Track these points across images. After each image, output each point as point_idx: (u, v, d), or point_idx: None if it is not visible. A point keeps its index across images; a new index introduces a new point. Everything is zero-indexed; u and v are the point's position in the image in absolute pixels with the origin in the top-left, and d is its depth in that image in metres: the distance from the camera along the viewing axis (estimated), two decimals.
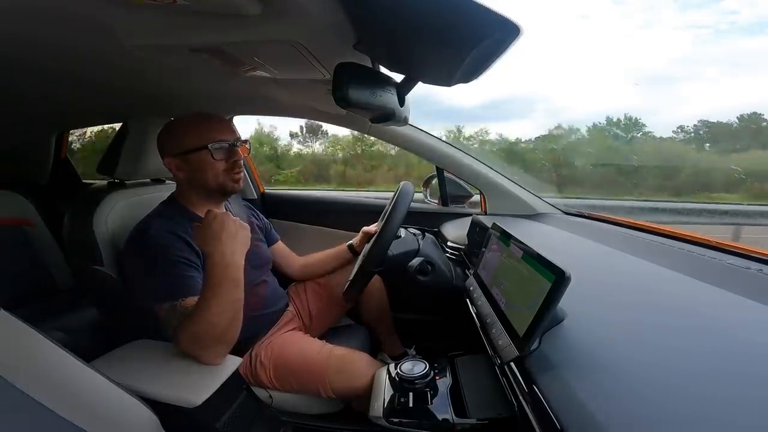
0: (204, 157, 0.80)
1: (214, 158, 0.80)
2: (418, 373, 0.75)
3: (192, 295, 0.72)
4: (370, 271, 0.88)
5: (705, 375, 0.39)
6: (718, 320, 0.50)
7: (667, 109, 8.18)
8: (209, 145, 0.80)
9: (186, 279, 0.74)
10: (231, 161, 0.83)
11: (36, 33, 0.59)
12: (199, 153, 0.80)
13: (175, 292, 0.71)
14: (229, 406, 0.74)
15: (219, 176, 0.82)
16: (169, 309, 0.70)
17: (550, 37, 21.83)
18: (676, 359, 0.42)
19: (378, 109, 0.58)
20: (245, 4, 0.45)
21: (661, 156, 3.12)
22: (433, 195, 1.51)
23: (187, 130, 0.82)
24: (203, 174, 0.82)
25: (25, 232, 1.41)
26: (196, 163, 0.81)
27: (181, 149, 0.81)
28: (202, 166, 0.81)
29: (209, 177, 0.82)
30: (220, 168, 0.82)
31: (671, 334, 0.47)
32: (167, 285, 0.72)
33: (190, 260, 0.76)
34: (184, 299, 0.71)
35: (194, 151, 0.80)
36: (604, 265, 0.79)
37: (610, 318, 0.54)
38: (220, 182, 0.83)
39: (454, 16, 0.38)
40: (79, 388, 0.53)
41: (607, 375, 0.41)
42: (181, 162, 0.82)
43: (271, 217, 1.62)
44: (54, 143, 1.64)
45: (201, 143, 0.80)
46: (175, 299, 0.71)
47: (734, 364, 0.40)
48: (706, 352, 0.43)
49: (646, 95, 8.37)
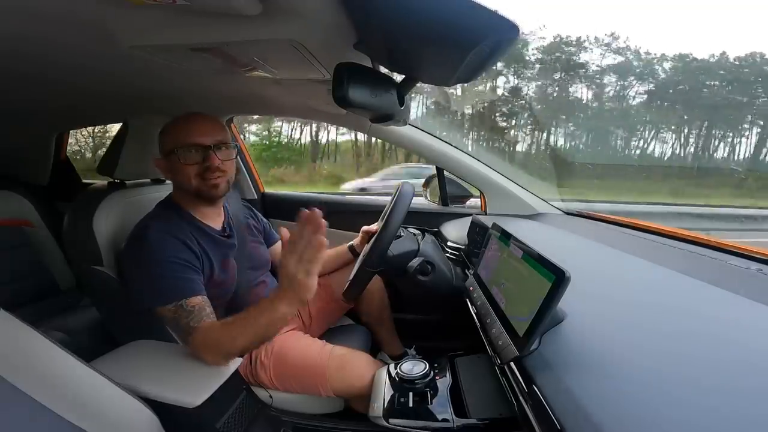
0: (175, 160, 0.79)
1: (181, 162, 0.78)
2: (418, 373, 0.75)
3: (195, 295, 0.73)
4: (370, 271, 0.88)
5: (704, 375, 0.39)
6: (718, 320, 0.50)
7: None
8: (176, 149, 0.78)
9: (187, 281, 0.74)
10: (204, 165, 0.79)
11: (35, 34, 0.59)
12: (171, 156, 0.79)
13: (178, 292, 0.72)
14: (229, 406, 0.74)
15: (192, 180, 0.80)
16: (175, 309, 0.71)
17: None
18: (675, 359, 0.42)
19: (378, 109, 0.58)
20: (245, 4, 0.45)
21: None
22: (433, 195, 1.51)
23: (168, 131, 0.82)
24: (179, 176, 0.81)
25: (25, 232, 1.42)
26: (173, 165, 0.80)
27: (163, 150, 0.82)
28: (177, 168, 0.80)
29: (183, 180, 0.80)
30: (191, 172, 0.79)
31: (671, 334, 0.47)
32: (170, 287, 0.72)
33: (189, 262, 0.76)
34: (188, 299, 0.72)
35: (169, 153, 0.80)
36: (605, 265, 0.79)
37: (610, 318, 0.54)
38: (195, 186, 0.80)
39: (454, 17, 0.38)
40: (79, 388, 0.53)
41: (607, 375, 0.41)
42: (165, 163, 0.83)
43: (270, 218, 1.62)
44: (54, 143, 1.64)
45: (172, 146, 0.79)
46: (179, 300, 0.72)
47: (734, 364, 0.40)
48: (706, 352, 0.43)
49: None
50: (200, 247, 0.81)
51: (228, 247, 0.90)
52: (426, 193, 1.54)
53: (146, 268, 0.74)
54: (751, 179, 5.38)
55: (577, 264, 0.56)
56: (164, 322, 0.80)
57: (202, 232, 0.84)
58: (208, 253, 0.83)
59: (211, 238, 0.86)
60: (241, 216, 1.01)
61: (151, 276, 0.73)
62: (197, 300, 0.73)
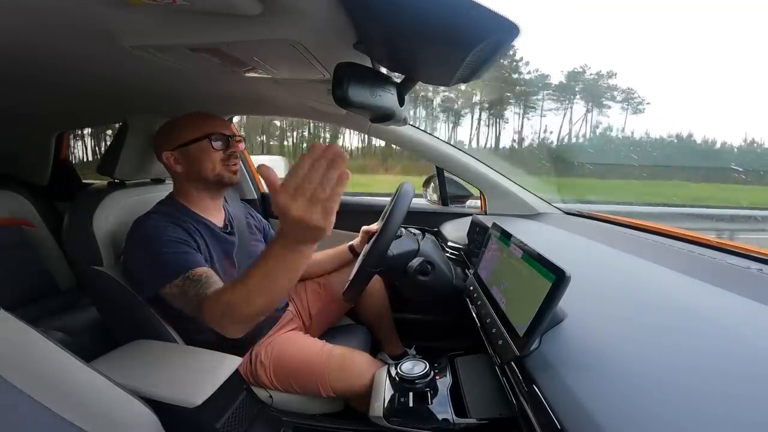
0: (204, 146, 0.84)
1: (213, 148, 0.84)
2: (418, 373, 0.75)
3: (200, 266, 0.74)
4: (370, 271, 0.88)
5: (705, 375, 0.39)
6: (718, 320, 0.50)
7: None
8: (210, 135, 0.84)
9: (190, 254, 0.76)
10: (228, 152, 0.87)
11: (35, 34, 0.59)
12: (200, 143, 0.84)
13: (182, 264, 0.73)
14: (229, 406, 0.74)
15: (217, 166, 0.85)
16: (182, 282, 0.71)
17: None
18: (676, 359, 0.42)
19: (378, 109, 0.58)
20: (245, 4, 0.45)
21: None
22: (433, 195, 1.51)
23: (188, 124, 0.85)
24: (201, 165, 0.84)
25: (25, 232, 1.41)
26: (196, 154, 0.84)
27: (182, 141, 0.84)
28: (201, 156, 0.84)
29: (207, 167, 0.84)
30: (217, 158, 0.85)
31: (671, 334, 0.47)
32: (173, 261, 0.73)
33: (188, 241, 0.78)
34: (193, 269, 0.72)
35: (194, 141, 0.83)
36: (605, 265, 0.79)
37: (610, 318, 0.54)
38: (217, 172, 0.85)
39: (455, 16, 0.38)
40: (80, 389, 0.53)
41: (607, 375, 0.41)
42: (180, 155, 0.85)
43: (271, 217, 1.62)
44: (54, 144, 1.64)
45: (202, 133, 0.84)
46: (185, 272, 0.72)
47: (734, 364, 0.40)
48: (706, 352, 0.43)
49: None
50: (202, 239, 0.83)
51: (229, 244, 0.90)
52: (426, 193, 1.54)
53: (147, 251, 0.75)
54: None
55: (577, 264, 0.56)
56: (174, 303, 0.74)
57: (204, 226, 0.86)
58: (209, 248, 0.84)
59: (212, 232, 0.87)
60: (241, 215, 1.01)
61: (152, 256, 0.74)
62: (203, 270, 0.73)
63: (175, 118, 0.88)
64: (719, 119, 21.44)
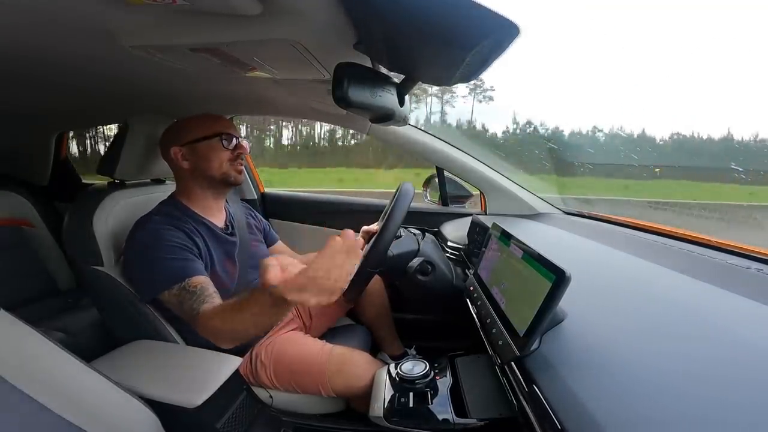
0: (214, 144, 0.85)
1: (223, 146, 0.86)
2: (418, 373, 0.75)
3: (197, 274, 0.74)
4: (370, 271, 0.88)
5: (705, 375, 0.39)
6: (718, 320, 0.50)
7: None
8: (221, 134, 0.86)
9: (188, 261, 0.76)
10: (236, 153, 0.88)
11: (35, 34, 0.59)
12: (210, 141, 0.85)
13: (179, 272, 0.73)
14: (229, 407, 0.75)
15: (224, 165, 0.87)
16: (179, 292, 0.72)
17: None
18: (676, 359, 0.42)
19: (378, 109, 0.58)
20: (245, 4, 0.45)
21: None
22: (433, 195, 1.51)
23: (199, 122, 0.87)
24: (210, 162, 0.86)
25: (25, 232, 1.42)
26: (205, 151, 0.85)
27: (192, 138, 0.85)
28: (209, 154, 0.85)
29: (215, 165, 0.86)
30: (225, 157, 0.87)
31: (671, 334, 0.47)
32: (171, 267, 0.74)
33: (189, 247, 0.78)
34: (190, 278, 0.73)
35: (205, 139, 0.85)
36: (605, 265, 0.79)
37: (610, 318, 0.54)
38: (224, 171, 0.87)
39: (455, 16, 0.38)
40: (80, 389, 0.53)
41: (607, 375, 0.41)
42: (188, 151, 0.86)
43: (270, 218, 1.62)
44: (54, 144, 1.64)
45: (213, 132, 0.86)
46: (182, 280, 0.72)
47: (734, 364, 0.40)
48: (706, 352, 0.43)
49: None
50: (203, 240, 0.83)
51: (230, 245, 0.90)
52: (426, 193, 1.54)
53: (145, 255, 0.75)
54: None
55: (578, 264, 0.56)
56: (172, 309, 0.75)
57: (205, 227, 0.86)
58: (210, 249, 0.84)
59: (213, 233, 0.87)
60: (242, 215, 1.01)
61: (151, 261, 0.74)
62: (200, 279, 0.74)
63: (185, 118, 0.90)
64: (718, 119, 20.90)
